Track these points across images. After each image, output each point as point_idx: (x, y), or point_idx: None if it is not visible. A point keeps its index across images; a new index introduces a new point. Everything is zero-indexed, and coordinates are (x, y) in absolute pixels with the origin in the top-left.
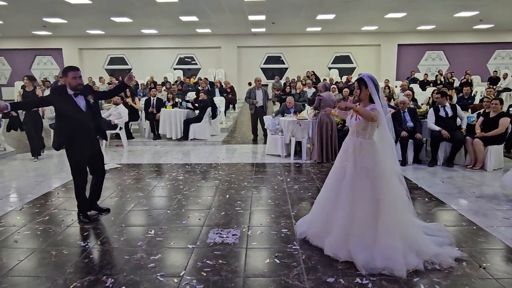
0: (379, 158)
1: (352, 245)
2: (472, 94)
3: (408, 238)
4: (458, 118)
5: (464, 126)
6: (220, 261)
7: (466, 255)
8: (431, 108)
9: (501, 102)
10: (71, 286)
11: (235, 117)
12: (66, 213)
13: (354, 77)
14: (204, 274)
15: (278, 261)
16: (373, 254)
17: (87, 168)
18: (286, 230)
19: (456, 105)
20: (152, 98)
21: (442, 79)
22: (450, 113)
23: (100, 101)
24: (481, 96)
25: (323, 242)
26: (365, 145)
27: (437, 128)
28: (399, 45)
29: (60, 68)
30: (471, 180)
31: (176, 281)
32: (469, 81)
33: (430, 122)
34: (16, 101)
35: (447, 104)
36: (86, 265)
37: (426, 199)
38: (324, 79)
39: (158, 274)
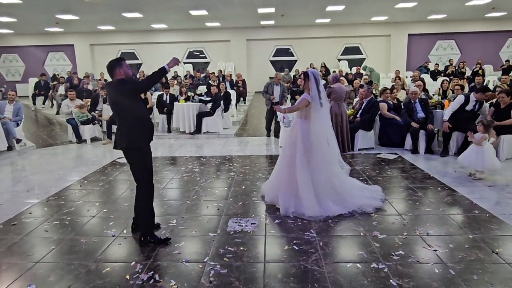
0: (307, 132)
1: (280, 194)
2: (485, 84)
3: (330, 192)
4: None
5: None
6: (241, 248)
7: (383, 206)
8: (463, 95)
9: (508, 94)
10: (103, 271)
11: (245, 110)
12: (91, 204)
13: (361, 69)
14: (227, 260)
15: (296, 248)
16: (294, 202)
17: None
18: (302, 218)
19: (484, 102)
20: (165, 94)
21: (453, 69)
22: (475, 109)
23: None
24: (493, 85)
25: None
26: (299, 124)
27: (446, 117)
28: (409, 35)
29: (73, 64)
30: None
31: (200, 266)
32: (482, 70)
33: (450, 109)
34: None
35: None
36: (115, 252)
37: (439, 188)
38: (334, 71)
39: (183, 260)
